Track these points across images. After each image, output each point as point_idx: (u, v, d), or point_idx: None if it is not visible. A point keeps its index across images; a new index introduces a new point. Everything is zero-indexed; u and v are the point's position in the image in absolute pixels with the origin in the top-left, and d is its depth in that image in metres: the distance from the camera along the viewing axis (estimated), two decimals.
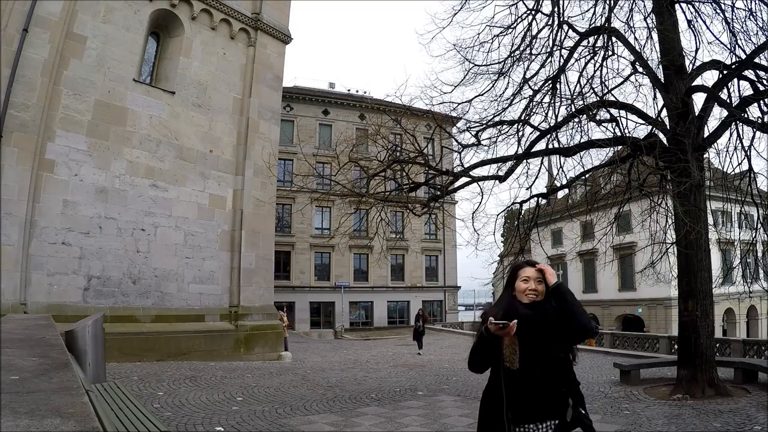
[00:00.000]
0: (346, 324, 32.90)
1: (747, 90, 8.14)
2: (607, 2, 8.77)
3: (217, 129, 14.30)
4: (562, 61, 9.06)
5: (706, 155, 9.05)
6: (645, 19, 9.10)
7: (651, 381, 9.28)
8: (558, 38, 9.09)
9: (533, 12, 9.30)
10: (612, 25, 8.70)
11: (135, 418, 3.85)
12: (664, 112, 8.67)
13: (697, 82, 8.70)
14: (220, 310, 13.72)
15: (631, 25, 9.06)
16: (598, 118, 8.55)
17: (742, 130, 8.19)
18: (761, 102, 7.78)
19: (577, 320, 2.07)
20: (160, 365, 10.81)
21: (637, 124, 8.99)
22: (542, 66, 9.33)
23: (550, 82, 9.09)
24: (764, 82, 7.80)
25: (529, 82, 9.37)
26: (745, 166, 8.42)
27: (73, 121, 11.32)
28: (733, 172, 8.96)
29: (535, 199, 9.84)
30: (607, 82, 8.70)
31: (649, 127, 8.70)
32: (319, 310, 33.77)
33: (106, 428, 2.54)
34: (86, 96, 11.56)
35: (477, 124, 9.51)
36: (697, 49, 8.61)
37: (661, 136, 8.49)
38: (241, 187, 14.47)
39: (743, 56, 7.86)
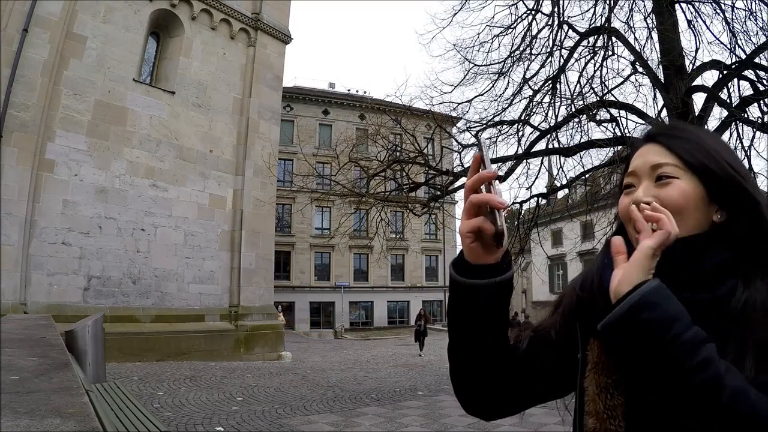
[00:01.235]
0: (346, 324, 32.88)
1: (747, 90, 8.14)
2: (607, 2, 8.76)
3: (217, 129, 14.31)
4: (562, 61, 9.06)
5: None
6: (645, 19, 9.09)
7: None
8: (558, 38, 9.09)
9: (533, 12, 9.30)
10: (612, 25, 8.70)
11: (135, 418, 3.86)
12: (664, 112, 8.66)
13: (697, 82, 8.70)
14: (220, 310, 13.72)
15: (631, 25, 9.05)
16: (598, 118, 8.55)
17: (742, 130, 8.19)
18: (761, 102, 7.78)
19: None
20: (160, 365, 10.81)
21: (637, 124, 8.99)
22: (542, 66, 9.33)
23: (550, 82, 9.09)
24: (764, 82, 7.80)
25: (529, 82, 9.37)
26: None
27: (73, 121, 11.32)
28: None
29: (535, 199, 9.84)
30: (607, 82, 8.69)
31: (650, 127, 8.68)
32: (319, 310, 33.76)
33: (106, 428, 2.54)
34: (86, 96, 11.56)
35: (477, 124, 9.51)
36: (697, 49, 8.60)
37: None
38: (241, 187, 14.47)
39: (743, 56, 7.86)
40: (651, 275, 0.61)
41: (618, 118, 8.52)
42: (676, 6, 8.66)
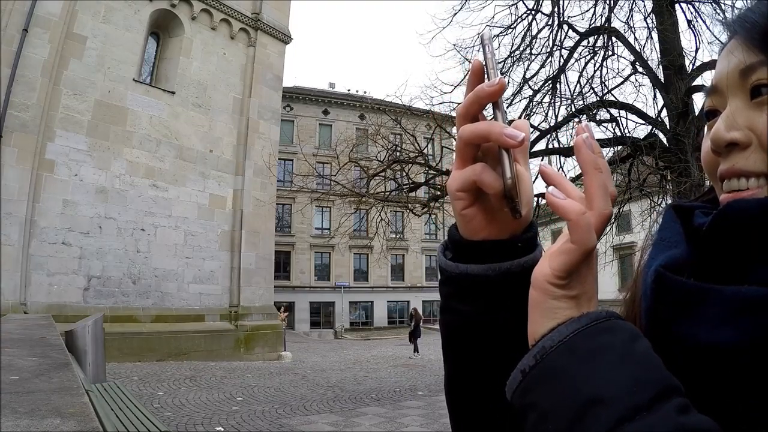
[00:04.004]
0: (346, 324, 32.89)
1: None
2: (607, 2, 8.77)
3: (217, 129, 14.31)
4: (562, 61, 9.06)
5: None
6: (645, 19, 9.10)
7: None
8: (558, 38, 9.09)
9: (533, 12, 9.30)
10: (612, 25, 8.71)
11: (135, 418, 3.86)
12: (664, 112, 8.67)
13: (697, 82, 8.70)
14: (220, 310, 13.72)
15: (631, 25, 9.05)
16: (598, 118, 8.55)
17: None
18: None
19: None
20: (160, 365, 10.81)
21: (637, 124, 8.99)
22: (542, 66, 9.33)
23: (550, 82, 9.09)
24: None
25: (529, 82, 9.37)
26: None
27: (73, 121, 11.33)
28: None
29: (535, 199, 9.84)
30: (607, 82, 8.70)
31: (649, 127, 8.70)
32: (319, 310, 33.76)
33: (106, 428, 2.54)
34: (86, 96, 11.57)
35: None
36: (697, 49, 8.61)
37: (661, 136, 8.49)
38: (241, 187, 14.47)
39: None
40: (566, 312, 0.35)
41: (618, 118, 8.52)
42: (676, 6, 8.67)
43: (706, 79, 9.51)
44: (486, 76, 0.40)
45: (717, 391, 0.36)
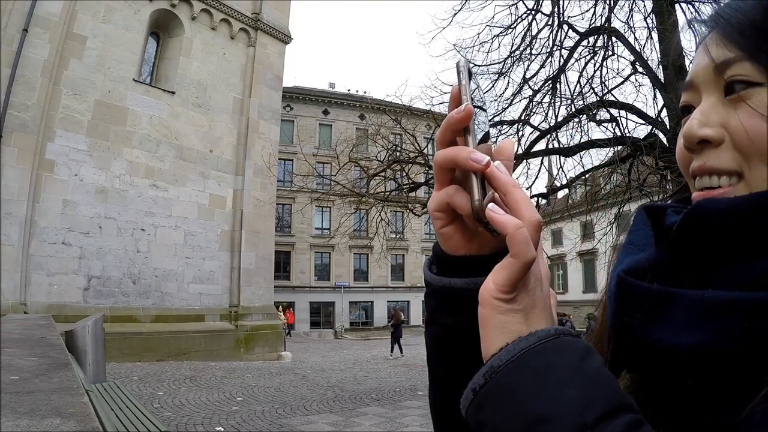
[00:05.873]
0: (346, 324, 32.90)
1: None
2: (607, 2, 8.77)
3: (217, 129, 14.32)
4: (562, 61, 9.06)
5: None
6: (645, 19, 9.10)
7: None
8: (558, 38, 9.09)
9: (533, 12, 9.30)
10: (612, 25, 8.71)
11: (135, 418, 3.86)
12: (664, 112, 8.67)
13: None
14: (220, 310, 13.72)
15: (631, 25, 9.04)
16: (598, 118, 8.55)
17: None
18: None
19: None
20: (160, 365, 10.81)
21: (637, 124, 8.99)
22: (542, 66, 9.33)
23: (550, 82, 9.09)
24: None
25: (529, 82, 9.37)
26: None
27: (73, 121, 11.33)
28: None
29: (535, 199, 9.84)
30: (607, 82, 8.70)
31: (649, 127, 8.70)
32: (319, 310, 33.77)
33: (106, 428, 2.54)
34: (86, 96, 11.57)
35: None
36: (697, 49, 8.62)
37: (661, 136, 8.49)
38: (241, 187, 14.48)
39: None
40: (515, 327, 0.35)
41: (618, 118, 8.52)
42: (676, 6, 8.67)
43: None
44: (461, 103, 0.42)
45: (678, 391, 0.37)
